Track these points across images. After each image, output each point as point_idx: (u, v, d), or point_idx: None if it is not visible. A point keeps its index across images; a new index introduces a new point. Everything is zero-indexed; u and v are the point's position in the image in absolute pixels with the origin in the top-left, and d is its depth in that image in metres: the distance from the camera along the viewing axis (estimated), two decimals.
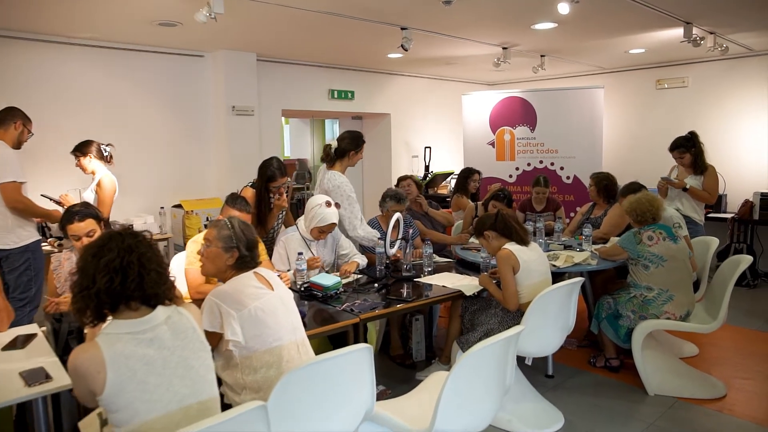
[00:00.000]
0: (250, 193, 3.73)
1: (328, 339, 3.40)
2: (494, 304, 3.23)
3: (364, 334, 3.23)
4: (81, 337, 2.22)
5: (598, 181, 4.55)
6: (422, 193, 4.96)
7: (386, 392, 3.37)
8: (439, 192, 7.56)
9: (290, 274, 3.35)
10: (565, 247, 4.18)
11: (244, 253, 2.23)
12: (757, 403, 3.30)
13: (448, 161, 8.22)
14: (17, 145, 3.64)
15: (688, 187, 4.58)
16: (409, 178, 4.83)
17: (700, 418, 3.15)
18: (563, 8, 3.99)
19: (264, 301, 2.14)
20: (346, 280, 3.40)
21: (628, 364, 3.60)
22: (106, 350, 1.52)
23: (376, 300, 3.06)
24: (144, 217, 5.12)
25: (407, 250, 3.61)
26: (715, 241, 4.06)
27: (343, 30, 4.87)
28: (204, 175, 5.94)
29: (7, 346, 2.26)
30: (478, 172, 5.71)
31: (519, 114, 6.36)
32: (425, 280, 3.49)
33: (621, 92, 7.32)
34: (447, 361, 3.48)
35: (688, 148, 4.60)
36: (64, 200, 4.20)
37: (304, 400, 1.91)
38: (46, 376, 1.96)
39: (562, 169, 6.24)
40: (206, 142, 5.93)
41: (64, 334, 2.20)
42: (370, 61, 6.78)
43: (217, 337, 2.07)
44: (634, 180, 4.22)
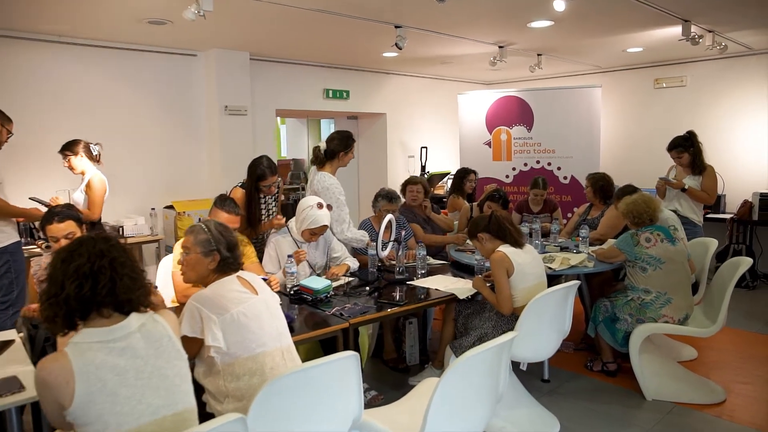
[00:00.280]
0: (240, 194, 3.65)
1: (319, 344, 3.32)
2: (488, 308, 3.15)
3: (355, 339, 3.16)
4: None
5: (594, 181, 4.49)
6: (427, 196, 4.71)
7: (378, 397, 3.30)
8: (436, 192, 7.49)
9: (279, 275, 3.29)
10: (562, 248, 4.11)
11: (226, 255, 2.16)
12: (757, 409, 3.23)
13: (445, 161, 8.15)
14: None
15: (686, 187, 4.52)
16: (419, 183, 4.58)
17: (698, 424, 3.08)
18: (559, 5, 3.92)
19: (247, 305, 2.06)
20: (337, 283, 3.32)
21: (626, 368, 3.54)
22: (75, 360, 1.44)
23: (367, 304, 2.98)
24: (135, 219, 5.03)
25: (399, 252, 3.53)
26: (714, 243, 3.99)
27: (337, 28, 4.80)
28: (196, 176, 5.86)
29: None
30: (474, 172, 5.64)
31: (516, 113, 6.30)
32: (418, 282, 3.42)
33: (619, 91, 7.26)
34: (440, 365, 3.40)
35: (687, 147, 4.54)
36: (54, 203, 4.11)
37: (288, 410, 1.84)
38: (20, 386, 1.89)
39: (559, 169, 6.17)
40: (199, 142, 5.85)
41: (40, 340, 2.12)
42: (365, 61, 6.71)
43: (199, 343, 2.00)
44: (629, 183, 4.16)
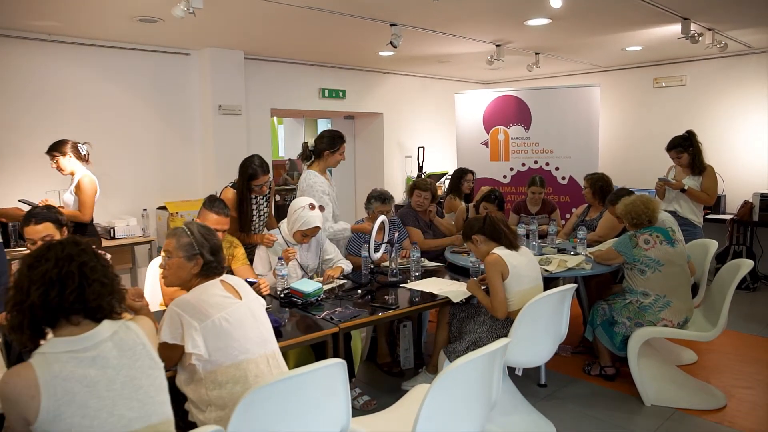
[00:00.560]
0: (230, 194, 3.58)
1: (311, 348, 3.25)
2: (483, 312, 3.08)
3: (347, 343, 3.09)
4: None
5: (593, 182, 4.42)
6: (434, 202, 4.55)
7: (371, 403, 3.23)
8: None
9: (270, 277, 3.22)
10: (559, 250, 4.04)
11: (209, 259, 2.08)
12: (759, 415, 3.16)
13: (443, 162, 8.08)
14: None
15: (686, 188, 4.44)
16: (428, 190, 4.37)
17: (699, 430, 3.01)
18: (555, 2, 3.85)
19: (230, 311, 1.99)
20: (328, 286, 3.25)
21: (625, 372, 3.46)
22: (41, 372, 1.36)
23: (359, 307, 2.91)
24: (127, 220, 4.96)
25: (392, 254, 3.46)
26: (714, 244, 3.91)
27: (332, 26, 4.73)
28: (190, 176, 5.78)
29: None
30: (472, 172, 5.57)
31: (513, 113, 6.22)
32: (412, 285, 3.34)
33: (617, 91, 7.19)
34: (434, 370, 3.32)
35: (686, 147, 4.47)
36: (43, 205, 4.04)
37: (272, 419, 1.77)
38: None
39: (557, 169, 6.10)
40: (192, 142, 5.78)
41: (17, 347, 2.05)
42: (361, 60, 6.64)
43: (180, 350, 1.93)
44: (625, 186, 4.10)
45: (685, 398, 3.26)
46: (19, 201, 3.94)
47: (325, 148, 3.74)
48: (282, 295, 3.02)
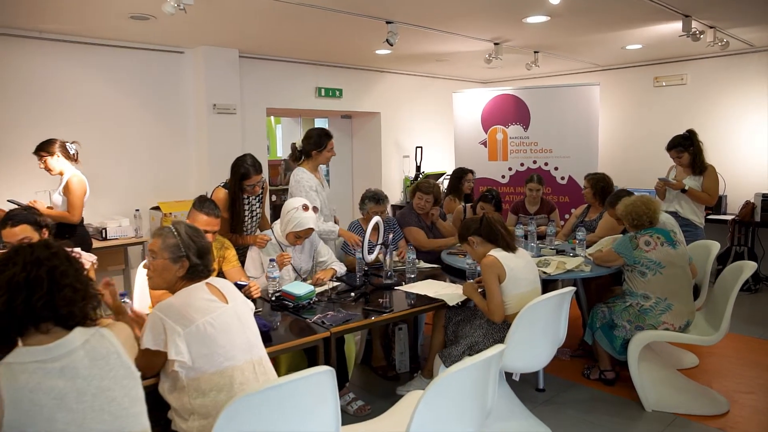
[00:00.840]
0: (222, 194, 3.51)
1: (303, 353, 3.17)
2: (480, 315, 3.00)
3: (340, 347, 3.02)
4: None
5: (594, 182, 4.34)
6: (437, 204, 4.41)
7: (365, 408, 3.15)
8: None
9: (262, 279, 3.14)
10: (558, 251, 3.96)
11: (195, 262, 2.00)
12: (761, 421, 3.08)
13: (440, 161, 8.00)
14: None
15: (686, 188, 4.37)
16: (431, 193, 4.22)
17: None
18: None
19: (215, 315, 1.91)
20: (322, 289, 3.18)
21: (625, 377, 3.39)
22: (6, 384, 1.29)
23: (351, 311, 2.83)
24: (119, 220, 4.88)
25: (387, 256, 3.39)
26: (716, 246, 3.83)
27: (328, 24, 4.65)
28: (183, 176, 5.70)
29: None
30: (472, 172, 5.48)
31: (512, 112, 6.15)
32: (407, 288, 3.27)
33: (617, 90, 7.11)
34: (429, 375, 3.24)
35: (686, 147, 4.40)
36: (32, 206, 3.96)
37: (256, 429, 1.69)
38: None
39: (556, 169, 6.02)
40: (186, 141, 5.70)
41: None
42: (358, 58, 6.56)
43: (162, 357, 1.85)
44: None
45: (687, 403, 3.19)
46: (8, 201, 3.87)
47: (313, 148, 3.72)
48: (273, 298, 2.95)
